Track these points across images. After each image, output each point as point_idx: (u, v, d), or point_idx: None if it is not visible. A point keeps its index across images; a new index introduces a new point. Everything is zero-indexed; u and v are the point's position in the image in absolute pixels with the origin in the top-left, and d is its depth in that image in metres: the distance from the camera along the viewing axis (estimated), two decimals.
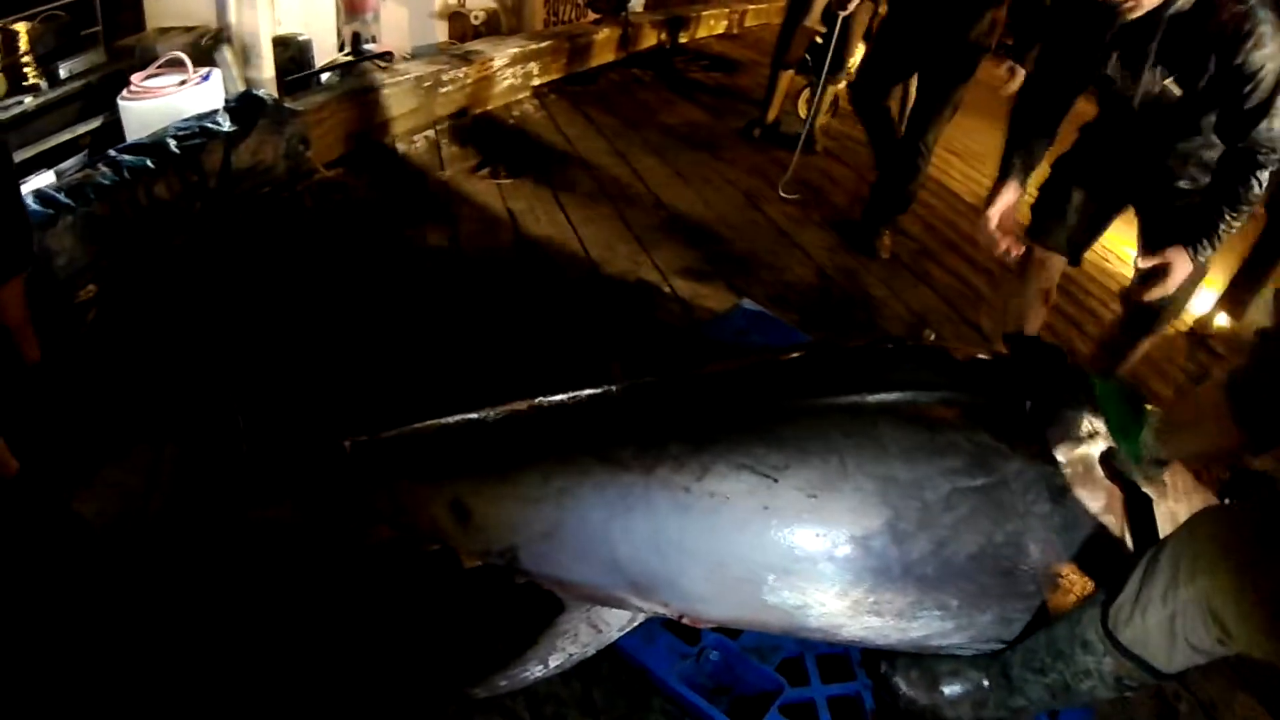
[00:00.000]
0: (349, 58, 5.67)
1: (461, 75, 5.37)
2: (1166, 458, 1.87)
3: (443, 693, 1.81)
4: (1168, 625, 1.46)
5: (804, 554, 1.67)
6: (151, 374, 2.65)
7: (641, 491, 1.71)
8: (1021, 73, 4.17)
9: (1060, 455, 1.80)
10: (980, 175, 7.37)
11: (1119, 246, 6.70)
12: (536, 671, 1.78)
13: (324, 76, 5.53)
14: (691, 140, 5.96)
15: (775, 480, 1.67)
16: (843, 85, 6.46)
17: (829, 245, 4.86)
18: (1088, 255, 3.54)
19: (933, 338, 2.52)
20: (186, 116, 3.72)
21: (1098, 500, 1.81)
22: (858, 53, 6.11)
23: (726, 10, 9.95)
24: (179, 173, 3.38)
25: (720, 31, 9.76)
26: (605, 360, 2.28)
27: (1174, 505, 1.89)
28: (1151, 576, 1.49)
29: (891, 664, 1.87)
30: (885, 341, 2.22)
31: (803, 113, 6.48)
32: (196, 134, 3.53)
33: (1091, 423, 1.88)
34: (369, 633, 1.93)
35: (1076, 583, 1.78)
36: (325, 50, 6.08)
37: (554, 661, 1.79)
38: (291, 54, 5.78)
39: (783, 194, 5.27)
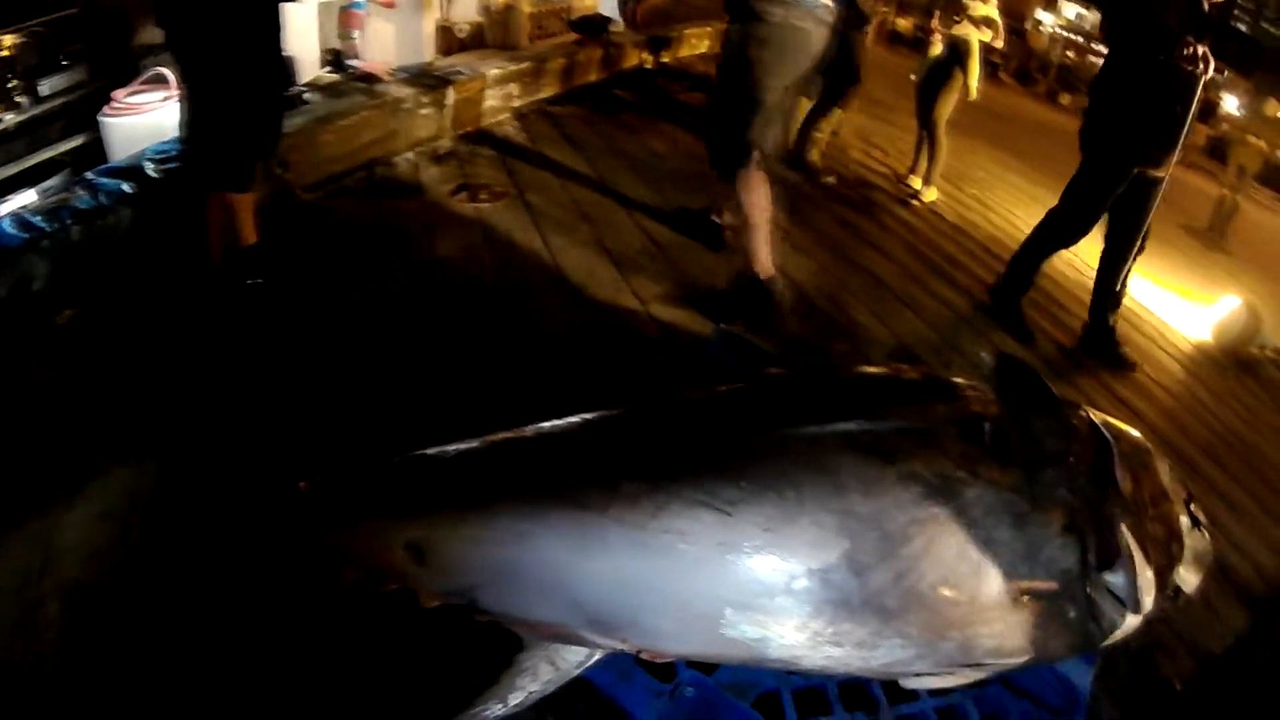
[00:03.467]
0: (333, 75, 5.67)
1: (442, 97, 5.37)
2: None
3: None
4: None
5: (761, 588, 1.66)
6: (130, 398, 2.65)
7: (597, 530, 1.69)
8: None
9: (1021, 478, 1.78)
10: (965, 197, 7.42)
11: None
12: (497, 710, 1.77)
13: (306, 96, 5.53)
14: (674, 162, 5.97)
15: (730, 515, 1.65)
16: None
17: (811, 269, 4.86)
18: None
19: None
20: (168, 137, 3.71)
21: (1060, 520, 1.80)
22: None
23: (709, 29, 9.96)
24: (156, 197, 3.38)
25: (703, 51, 9.77)
26: (577, 394, 2.27)
27: (1136, 523, 1.89)
28: None
29: None
30: (849, 369, 2.21)
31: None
32: (174, 157, 3.52)
33: (1055, 443, 1.87)
34: (331, 674, 1.94)
35: (1040, 604, 1.77)
36: (309, 68, 6.07)
37: (514, 700, 1.78)
38: None
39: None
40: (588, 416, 1.96)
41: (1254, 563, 3.67)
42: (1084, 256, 5.82)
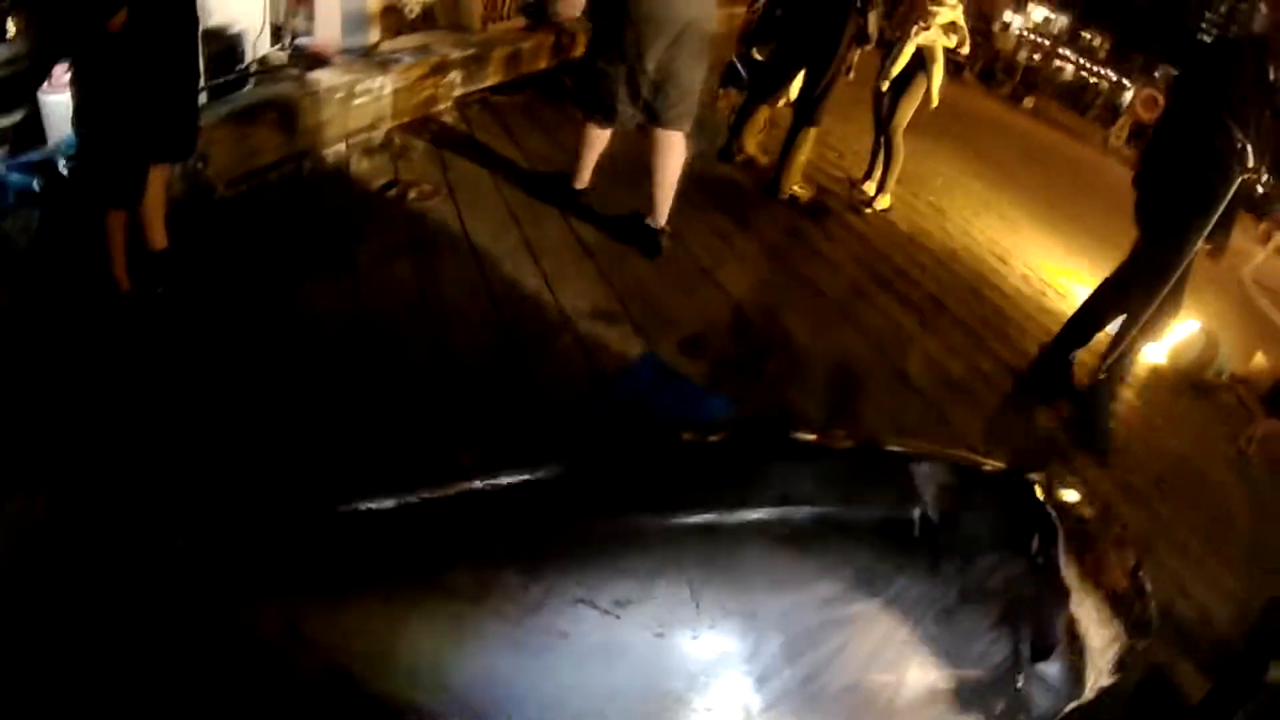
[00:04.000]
0: (282, 52, 5.42)
1: (377, 86, 5.10)
2: None
3: None
4: None
5: (650, 696, 1.52)
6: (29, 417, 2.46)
7: (472, 623, 1.54)
8: None
9: (952, 570, 1.67)
10: (920, 205, 7.32)
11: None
12: None
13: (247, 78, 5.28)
14: (614, 159, 5.75)
15: (617, 617, 1.49)
16: (781, 104, 6.38)
17: (750, 281, 4.72)
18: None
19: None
20: None
21: (989, 614, 1.70)
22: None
23: None
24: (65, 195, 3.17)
25: None
26: (489, 421, 2.08)
27: (1078, 609, 1.83)
28: None
29: None
30: (771, 434, 2.04)
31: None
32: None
33: (994, 531, 1.78)
34: None
35: (965, 701, 1.68)
36: (257, 44, 5.81)
37: None
38: (220, 49, 5.49)
39: None
40: (474, 482, 1.76)
41: (1199, 607, 3.57)
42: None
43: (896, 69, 6.16)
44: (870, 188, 6.70)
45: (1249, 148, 3.84)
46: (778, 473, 1.80)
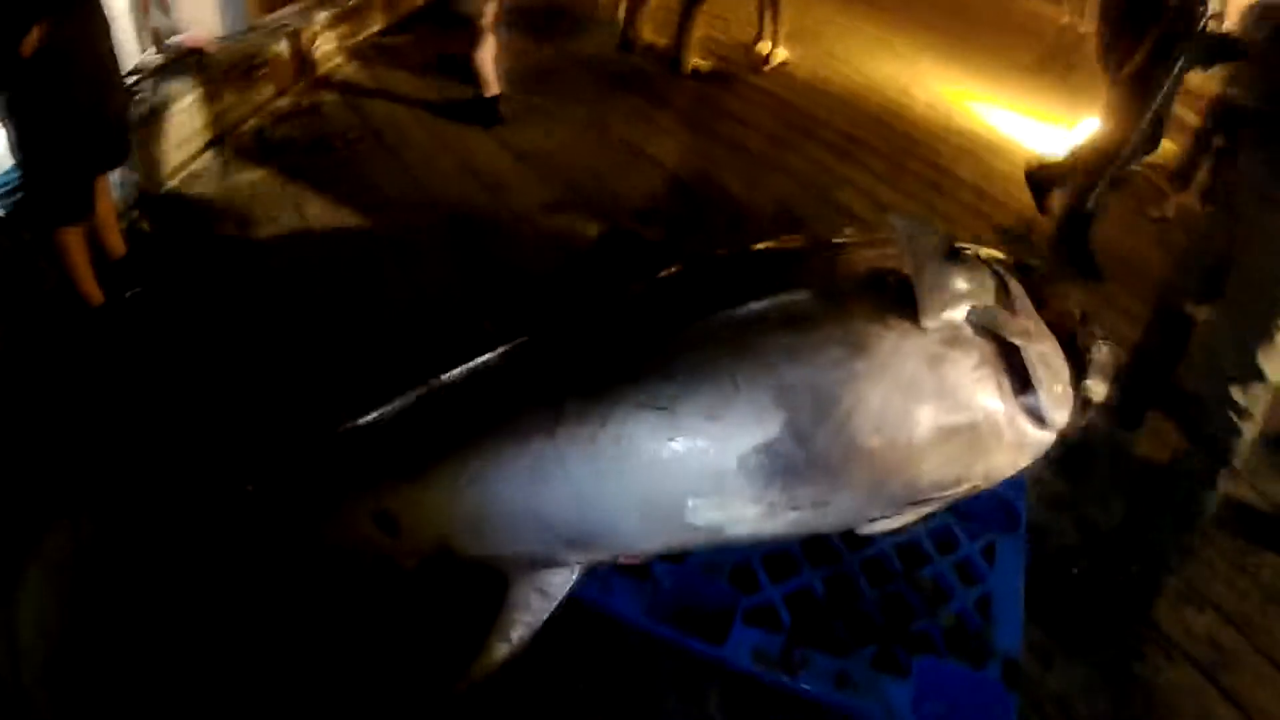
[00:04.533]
0: (158, 57, 5.40)
1: (275, 53, 5.16)
2: None
3: (431, 697, 1.88)
4: None
5: (715, 473, 1.74)
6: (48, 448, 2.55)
7: (552, 454, 1.75)
8: None
9: (930, 323, 1.87)
10: (818, 54, 7.45)
11: None
12: (504, 650, 1.85)
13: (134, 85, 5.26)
14: (524, 73, 5.84)
15: (673, 411, 1.72)
16: None
17: (678, 150, 4.91)
18: None
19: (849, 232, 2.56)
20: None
21: (972, 356, 1.90)
22: None
23: None
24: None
25: None
26: (478, 319, 2.27)
27: (1040, 346, 2.00)
28: None
29: None
30: (750, 251, 2.26)
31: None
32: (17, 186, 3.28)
33: (954, 286, 1.96)
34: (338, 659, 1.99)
35: (968, 435, 1.89)
36: (129, 53, 5.78)
37: (516, 635, 1.87)
38: None
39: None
40: (512, 346, 1.99)
41: None
42: None
43: None
44: (764, 47, 6.83)
45: None
46: (769, 269, 2.09)
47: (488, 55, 4.85)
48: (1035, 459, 2.11)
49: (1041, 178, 4.82)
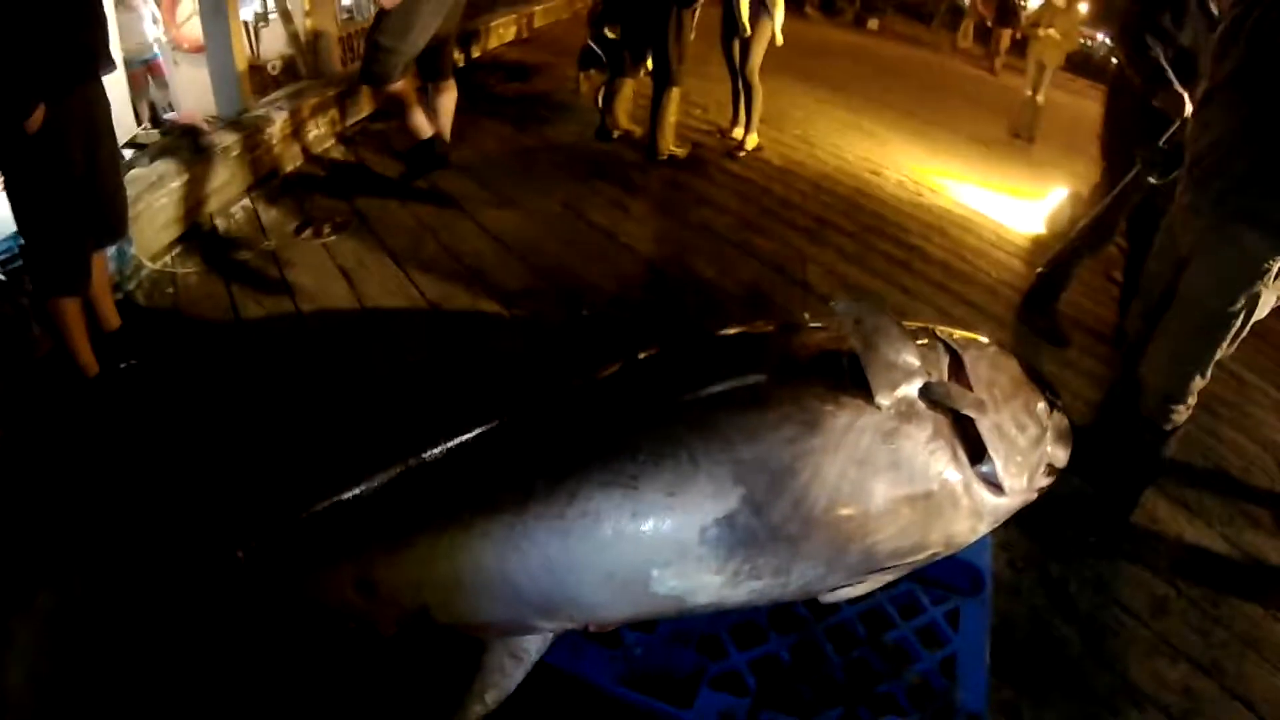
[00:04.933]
0: (153, 134, 5.57)
1: (266, 137, 5.36)
2: None
3: None
4: None
5: (677, 544, 1.84)
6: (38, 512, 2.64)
7: (522, 528, 1.85)
8: None
9: (883, 400, 1.96)
10: (788, 138, 7.66)
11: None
12: (478, 711, 1.94)
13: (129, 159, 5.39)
14: (503, 158, 6.10)
15: (636, 487, 1.83)
16: (642, 75, 6.70)
17: (651, 236, 5.08)
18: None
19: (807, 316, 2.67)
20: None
21: (925, 429, 1.99)
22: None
23: (514, 15, 10.06)
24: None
25: (511, 38, 9.89)
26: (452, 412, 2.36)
27: (995, 417, 2.10)
28: None
29: None
30: (712, 336, 2.39)
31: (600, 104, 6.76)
32: (16, 254, 3.43)
33: (905, 363, 2.05)
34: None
35: (924, 504, 1.99)
36: (124, 129, 5.93)
37: (490, 697, 1.96)
38: None
39: None
40: (489, 426, 2.10)
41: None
42: None
43: (745, 14, 6.43)
44: (738, 133, 7.08)
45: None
46: (730, 352, 2.23)
47: (410, 107, 5.23)
48: (996, 525, 2.19)
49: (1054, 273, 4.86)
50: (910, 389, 2.03)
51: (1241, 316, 2.84)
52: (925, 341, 2.21)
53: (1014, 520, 2.70)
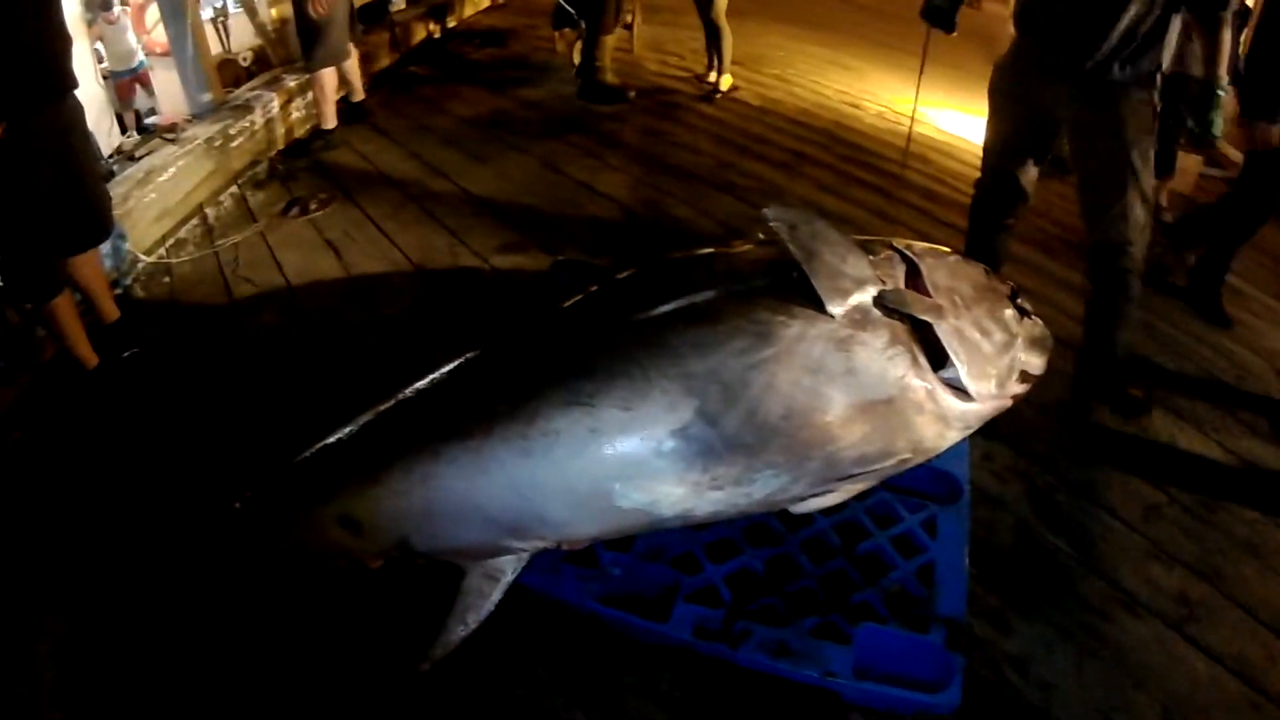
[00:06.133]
0: (136, 138, 5.66)
1: (248, 124, 5.45)
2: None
3: (398, 674, 2.08)
4: None
5: (636, 458, 1.91)
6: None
7: (489, 451, 1.93)
8: None
9: (835, 308, 1.99)
10: (764, 78, 7.65)
11: None
12: (460, 631, 2.03)
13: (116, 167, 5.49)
14: (481, 122, 6.15)
15: (593, 405, 1.90)
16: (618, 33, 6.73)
17: (628, 183, 5.14)
18: None
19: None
20: None
21: (881, 336, 2.02)
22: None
23: None
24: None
25: (486, 4, 9.88)
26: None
27: (956, 322, 2.13)
28: None
29: None
30: (662, 260, 2.41)
31: (576, 61, 6.79)
32: None
33: (854, 271, 2.08)
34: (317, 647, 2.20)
35: (886, 411, 2.02)
36: (109, 139, 6.02)
37: (471, 617, 2.04)
38: None
39: None
40: (455, 361, 2.17)
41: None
42: None
43: None
44: (713, 76, 7.09)
45: None
46: (679, 272, 2.26)
47: (321, 94, 5.59)
48: (968, 431, 2.21)
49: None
50: (864, 296, 2.05)
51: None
52: (881, 252, 2.24)
53: (997, 431, 2.75)
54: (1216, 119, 3.15)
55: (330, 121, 5.69)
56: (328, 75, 5.55)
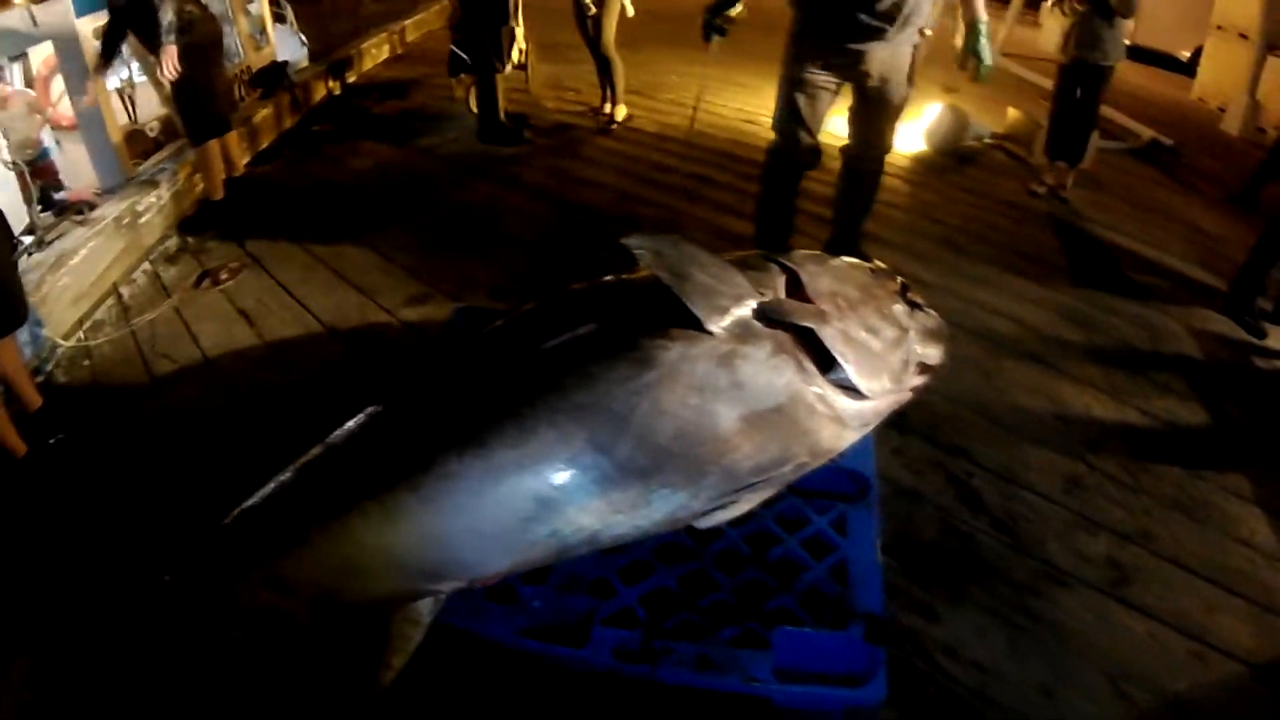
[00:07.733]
0: (46, 216, 5.64)
1: (155, 199, 5.46)
2: None
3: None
4: None
5: (533, 493, 1.99)
6: None
7: (395, 502, 1.99)
8: None
9: (713, 326, 2.07)
10: (661, 104, 7.80)
11: None
12: (387, 675, 2.06)
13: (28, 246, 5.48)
14: (386, 176, 6.21)
15: (485, 445, 1.98)
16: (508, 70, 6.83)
17: (533, 223, 5.27)
18: None
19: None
20: None
21: (764, 347, 2.10)
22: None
23: (385, 34, 10.09)
24: None
25: (386, 57, 9.93)
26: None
27: (840, 325, 2.20)
28: None
29: None
30: (540, 300, 2.50)
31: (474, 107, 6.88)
32: None
33: (728, 288, 2.15)
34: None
35: (776, 418, 2.10)
36: (20, 217, 5.97)
37: (395, 660, 2.07)
38: None
39: None
40: (363, 416, 2.24)
41: (1011, 318, 4.21)
42: None
43: None
44: (608, 108, 7.25)
45: None
46: (558, 310, 2.35)
47: (206, 168, 5.69)
48: (868, 429, 2.28)
49: None
50: (743, 310, 2.13)
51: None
52: (759, 265, 2.32)
53: (909, 425, 2.85)
54: (986, 48, 3.84)
55: (218, 193, 5.72)
56: (212, 148, 5.59)
